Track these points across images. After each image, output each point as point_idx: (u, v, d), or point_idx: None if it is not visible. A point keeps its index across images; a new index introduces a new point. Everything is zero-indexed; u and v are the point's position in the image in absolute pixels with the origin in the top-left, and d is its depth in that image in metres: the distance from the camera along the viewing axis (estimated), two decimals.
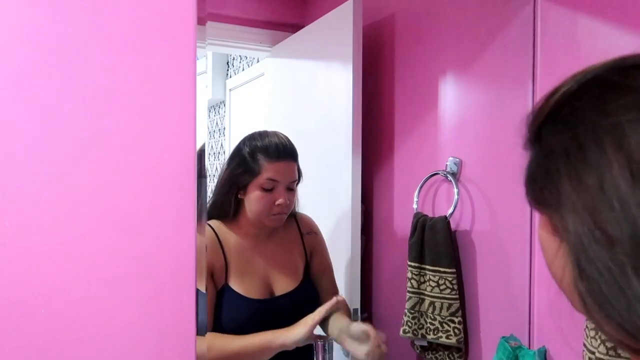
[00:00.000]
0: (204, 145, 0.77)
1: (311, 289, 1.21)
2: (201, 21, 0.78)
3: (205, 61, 0.81)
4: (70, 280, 0.69)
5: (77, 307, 0.69)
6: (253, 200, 1.13)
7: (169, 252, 0.73)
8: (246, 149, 1.15)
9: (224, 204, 1.16)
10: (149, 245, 0.72)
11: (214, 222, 1.17)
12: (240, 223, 1.17)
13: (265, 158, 1.12)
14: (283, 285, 1.19)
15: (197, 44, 0.78)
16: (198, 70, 0.80)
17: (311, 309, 1.21)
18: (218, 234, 1.15)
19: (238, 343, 1.06)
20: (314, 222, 1.30)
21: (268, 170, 1.12)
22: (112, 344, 0.71)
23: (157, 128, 0.73)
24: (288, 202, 1.15)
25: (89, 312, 0.70)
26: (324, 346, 1.11)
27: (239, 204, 1.17)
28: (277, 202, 1.13)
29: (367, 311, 1.47)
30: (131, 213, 0.71)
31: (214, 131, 3.07)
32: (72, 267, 0.68)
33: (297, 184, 1.21)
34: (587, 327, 0.84)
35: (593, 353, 0.80)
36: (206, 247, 1.09)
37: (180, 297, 0.74)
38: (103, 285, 0.70)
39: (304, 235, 1.27)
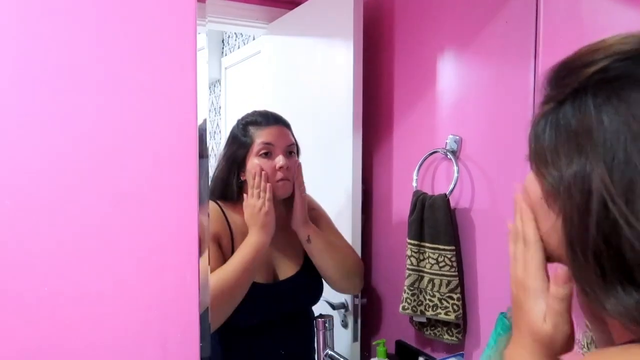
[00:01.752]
0: (205, 124, 0.76)
1: (311, 273, 1.22)
2: None
3: (205, 38, 0.80)
4: (72, 264, 0.68)
5: (79, 288, 0.69)
6: (253, 170, 1.13)
7: (171, 234, 0.73)
8: (238, 127, 1.19)
9: (227, 186, 1.17)
10: (151, 227, 0.72)
11: (220, 202, 1.17)
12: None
13: (255, 127, 1.16)
14: (285, 270, 1.20)
15: (197, 22, 0.77)
16: (197, 47, 0.79)
17: (311, 291, 1.23)
18: (224, 211, 1.16)
19: (225, 271, 1.05)
20: (313, 200, 1.31)
21: (260, 136, 1.15)
22: (114, 323, 0.71)
23: (156, 108, 0.72)
24: (289, 165, 1.15)
25: (90, 292, 0.70)
26: (324, 323, 1.13)
27: (242, 187, 1.17)
28: (277, 166, 1.14)
29: (367, 288, 1.49)
30: (131, 195, 0.71)
31: (210, 110, 3.05)
32: (73, 250, 0.68)
33: (298, 152, 1.22)
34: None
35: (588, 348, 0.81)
36: (209, 215, 1.10)
37: (183, 275, 0.74)
38: (104, 269, 0.70)
39: None
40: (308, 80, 1.65)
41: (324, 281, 1.25)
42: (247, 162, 1.15)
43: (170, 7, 0.73)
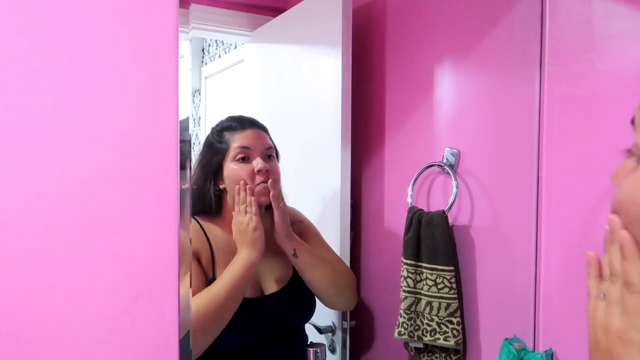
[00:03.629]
0: (188, 134, 0.67)
1: (301, 286, 1.14)
2: (184, 4, 0.70)
3: (189, 45, 0.72)
4: (41, 284, 0.58)
5: (49, 311, 0.59)
6: (231, 177, 1.07)
7: (150, 251, 0.64)
8: (212, 135, 1.13)
9: (204, 198, 1.09)
10: (128, 243, 0.62)
11: (197, 218, 1.09)
12: (225, 217, 1.09)
13: (231, 132, 1.10)
14: (273, 283, 1.12)
15: (180, 28, 0.69)
16: (179, 54, 0.71)
17: (302, 307, 1.14)
18: (202, 226, 1.08)
19: (215, 291, 0.99)
20: (299, 212, 1.24)
21: (236, 140, 1.09)
22: (88, 349, 0.61)
23: (136, 117, 0.64)
24: (268, 168, 1.08)
25: (61, 315, 0.60)
26: (316, 353, 1.03)
27: (220, 197, 1.10)
28: (256, 169, 1.07)
29: (356, 310, 1.40)
30: (107, 208, 0.62)
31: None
32: (42, 269, 0.58)
33: (277, 156, 1.16)
34: None
35: None
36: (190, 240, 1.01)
37: (161, 303, 0.64)
38: (77, 288, 0.60)
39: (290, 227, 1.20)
40: (294, 89, 1.57)
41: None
42: (223, 169, 1.09)
43: (151, 13, 0.65)
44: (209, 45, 2.65)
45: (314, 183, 1.44)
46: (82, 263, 0.61)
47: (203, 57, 2.75)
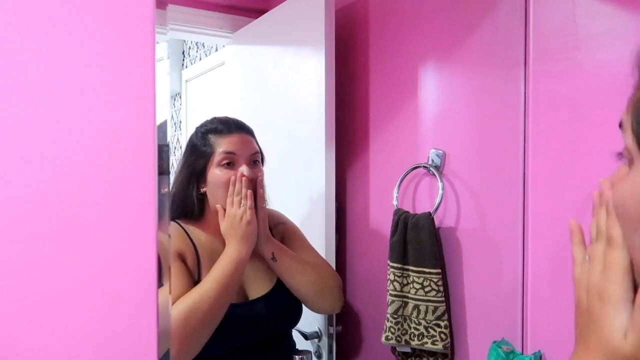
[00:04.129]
0: (165, 137, 0.64)
1: (285, 291, 1.11)
2: (161, 4, 0.67)
3: (166, 47, 0.69)
4: (11, 293, 0.55)
5: (22, 321, 0.55)
6: (215, 182, 1.04)
7: (128, 258, 0.61)
8: (197, 136, 1.09)
9: (186, 201, 1.06)
10: (105, 251, 0.59)
11: (180, 222, 1.06)
12: (208, 221, 1.07)
13: (216, 135, 1.07)
14: (257, 288, 1.09)
15: (157, 30, 0.66)
16: (157, 57, 0.68)
17: (288, 311, 1.11)
18: (185, 229, 1.05)
19: (205, 288, 0.95)
20: (282, 214, 1.21)
21: (221, 145, 1.05)
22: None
23: (111, 119, 0.60)
24: (253, 175, 1.06)
25: (34, 325, 0.56)
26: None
27: (203, 200, 1.07)
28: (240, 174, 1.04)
29: (342, 315, 1.38)
30: (82, 214, 0.58)
31: (169, 125, 2.90)
32: (14, 277, 0.55)
33: (262, 161, 1.13)
34: None
35: None
36: (169, 240, 0.97)
37: (139, 313, 0.61)
38: (51, 297, 0.57)
39: (272, 229, 1.17)
40: (277, 91, 1.54)
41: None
42: (207, 173, 1.06)
43: (126, 14, 0.62)
44: (190, 48, 2.61)
45: (298, 185, 1.42)
46: (56, 271, 0.58)
47: (184, 60, 2.71)
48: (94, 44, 0.60)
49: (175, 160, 2.34)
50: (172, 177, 1.10)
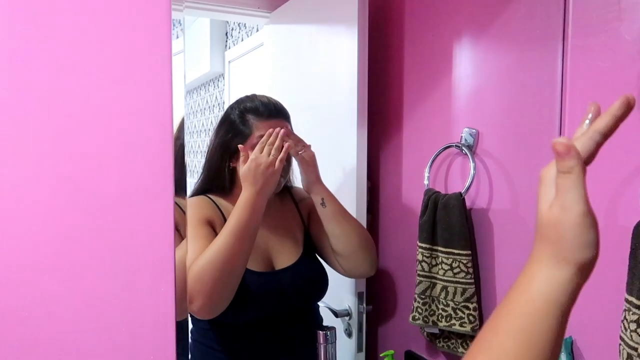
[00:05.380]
0: (182, 121, 0.66)
1: (312, 262, 1.13)
2: None
3: (208, 26, 0.70)
4: (29, 270, 0.59)
5: (45, 288, 0.59)
6: (264, 131, 1.05)
7: (143, 235, 0.63)
8: (235, 113, 1.09)
9: (218, 176, 1.09)
10: (120, 226, 0.62)
11: (210, 195, 1.09)
12: (237, 196, 1.08)
13: (256, 117, 1.06)
14: (284, 259, 1.10)
15: (173, 6, 0.67)
16: (174, 49, 0.69)
17: (313, 283, 1.13)
18: (216, 202, 1.08)
19: (221, 239, 0.95)
20: None
21: (260, 128, 1.05)
22: (84, 324, 0.61)
23: (127, 96, 0.62)
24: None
25: (52, 305, 0.60)
26: (326, 335, 1.02)
27: (233, 175, 1.09)
28: None
29: (373, 294, 1.38)
30: (99, 189, 0.61)
31: (213, 106, 2.95)
32: (31, 255, 0.58)
33: None
34: (625, 318, 0.74)
35: (635, 349, 0.70)
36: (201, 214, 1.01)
37: (157, 286, 0.64)
38: (66, 274, 0.60)
39: (298, 204, 1.19)
40: (311, 71, 1.54)
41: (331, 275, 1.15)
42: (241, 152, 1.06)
43: None
44: (232, 29, 2.64)
45: (331, 165, 1.42)
46: (79, 238, 0.61)
47: (227, 41, 2.74)
48: (111, 21, 0.61)
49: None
50: (202, 157, 1.13)
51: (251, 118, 1.07)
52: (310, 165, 1.08)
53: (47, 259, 0.60)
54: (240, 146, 1.03)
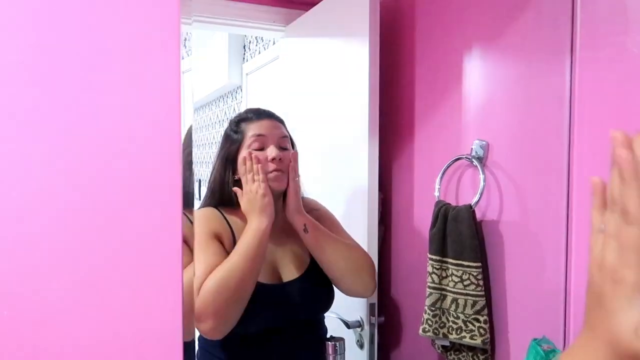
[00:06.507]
0: (190, 129, 0.68)
1: (318, 275, 1.13)
2: None
3: (226, 40, 0.72)
4: (35, 280, 0.61)
5: (43, 310, 0.61)
6: (244, 157, 1.10)
7: (153, 242, 0.65)
8: (229, 126, 1.17)
9: (222, 188, 1.12)
10: (127, 239, 0.64)
11: (218, 207, 1.12)
12: None
13: (246, 122, 1.14)
14: (290, 271, 1.12)
15: (182, 20, 0.69)
16: (185, 67, 0.70)
17: (320, 295, 1.13)
18: (223, 213, 1.11)
19: (232, 262, 0.99)
20: (317, 202, 1.24)
21: (251, 129, 1.12)
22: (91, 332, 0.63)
23: (136, 106, 0.64)
24: (282, 157, 1.09)
25: (58, 314, 0.62)
26: (335, 346, 1.03)
27: (237, 186, 1.11)
28: (270, 157, 1.09)
29: (385, 306, 1.38)
30: (105, 201, 0.63)
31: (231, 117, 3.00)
32: (33, 273, 0.61)
33: (292, 147, 1.17)
34: None
35: None
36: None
37: (164, 298, 0.66)
38: (73, 285, 0.62)
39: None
40: (325, 83, 1.56)
41: (335, 289, 1.15)
42: (239, 158, 1.11)
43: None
44: (250, 42, 2.69)
45: (343, 176, 1.43)
46: (88, 251, 0.63)
47: (244, 54, 2.79)
48: (119, 30, 0.64)
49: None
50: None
51: (242, 124, 1.13)
52: (295, 194, 1.10)
53: (51, 271, 0.62)
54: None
